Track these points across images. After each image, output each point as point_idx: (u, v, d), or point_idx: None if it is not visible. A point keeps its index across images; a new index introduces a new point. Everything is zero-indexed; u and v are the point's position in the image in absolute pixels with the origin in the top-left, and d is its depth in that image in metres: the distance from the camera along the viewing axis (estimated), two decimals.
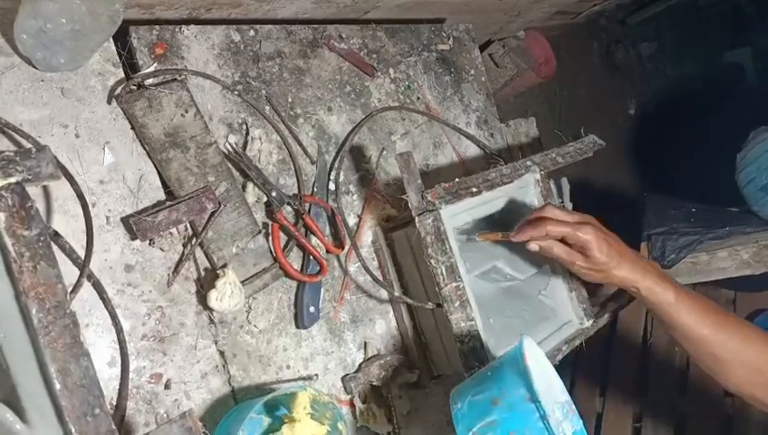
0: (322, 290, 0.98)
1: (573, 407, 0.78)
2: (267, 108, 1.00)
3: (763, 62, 3.80)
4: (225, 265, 0.85)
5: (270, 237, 0.92)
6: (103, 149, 0.80)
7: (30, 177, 0.58)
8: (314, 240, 0.97)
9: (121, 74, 0.84)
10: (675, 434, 2.13)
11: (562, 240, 0.91)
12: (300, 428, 0.79)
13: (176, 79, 0.88)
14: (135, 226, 0.76)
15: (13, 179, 0.57)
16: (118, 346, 0.75)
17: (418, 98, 1.26)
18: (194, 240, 0.84)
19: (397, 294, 1.01)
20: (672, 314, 0.93)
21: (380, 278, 1.05)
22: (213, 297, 0.81)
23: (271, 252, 0.92)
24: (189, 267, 0.85)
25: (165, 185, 0.85)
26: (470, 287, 0.92)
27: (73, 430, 0.54)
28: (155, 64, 0.88)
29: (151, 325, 0.79)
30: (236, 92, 0.96)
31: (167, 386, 0.79)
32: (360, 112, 1.14)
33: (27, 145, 0.72)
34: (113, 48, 0.84)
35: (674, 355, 2.23)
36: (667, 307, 0.92)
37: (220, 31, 0.98)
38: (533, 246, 0.91)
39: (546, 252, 0.91)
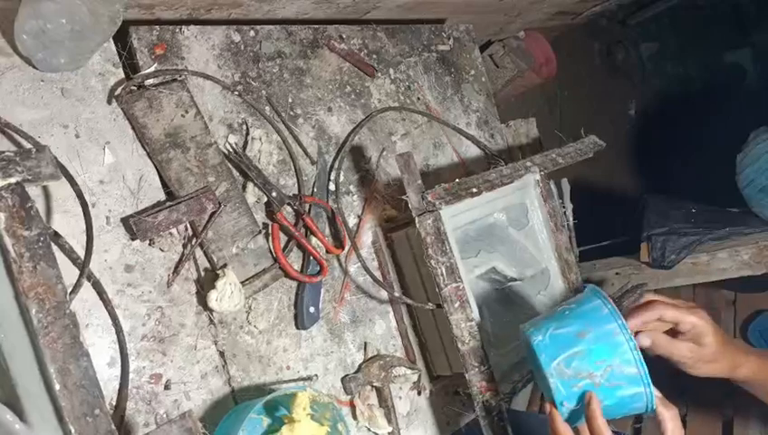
0: (322, 290, 0.98)
1: None
2: (267, 108, 1.00)
3: (764, 62, 3.79)
4: (225, 266, 0.85)
5: (270, 238, 0.92)
6: (103, 149, 0.80)
7: (30, 177, 0.58)
8: (314, 240, 0.97)
9: (122, 75, 0.84)
10: None
11: (670, 332, 0.87)
12: (300, 428, 0.79)
13: (176, 79, 0.88)
14: (135, 226, 0.76)
15: (13, 180, 0.57)
16: (117, 347, 0.75)
17: (419, 98, 1.26)
18: (194, 240, 0.84)
19: (397, 294, 1.01)
20: None
21: (380, 279, 1.05)
22: (213, 298, 0.81)
23: (271, 252, 0.92)
24: (189, 268, 0.85)
25: (165, 185, 0.85)
26: (470, 288, 0.92)
27: (73, 431, 0.54)
28: (155, 65, 0.88)
29: (151, 326, 0.79)
30: (237, 93, 0.96)
31: (166, 386, 0.79)
32: (361, 113, 1.14)
33: (27, 145, 0.72)
34: (113, 48, 0.84)
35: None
36: None
37: (220, 31, 0.98)
38: (646, 341, 0.84)
39: (656, 349, 0.86)
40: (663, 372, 0.90)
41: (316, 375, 0.94)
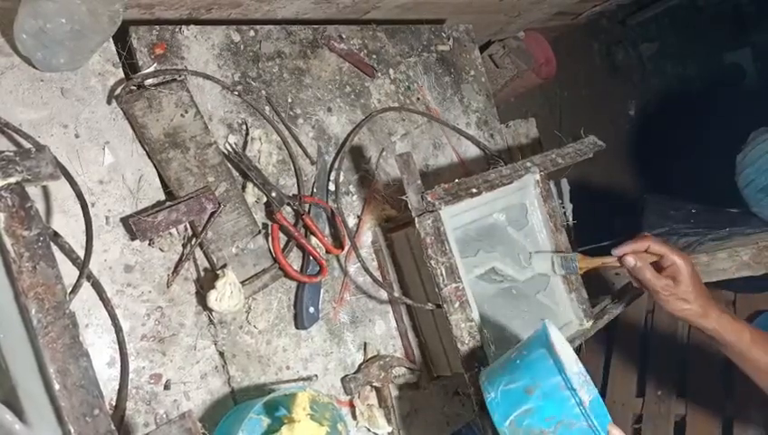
0: (322, 291, 0.98)
1: (587, 376, 0.80)
2: (267, 108, 1.00)
3: (763, 62, 3.79)
4: (224, 266, 0.85)
5: (270, 238, 0.92)
6: (103, 149, 0.80)
7: (29, 177, 0.58)
8: (314, 241, 0.97)
9: (121, 74, 0.84)
10: None
11: (655, 265, 0.97)
12: (299, 428, 0.79)
13: (175, 79, 0.88)
14: (135, 226, 0.76)
15: (12, 180, 0.57)
16: (117, 347, 0.75)
17: (418, 99, 1.26)
18: (193, 240, 0.84)
19: (396, 294, 1.01)
20: (746, 351, 0.98)
21: (380, 279, 1.05)
22: (212, 298, 0.81)
23: (270, 252, 0.92)
24: (189, 268, 0.85)
25: (165, 185, 0.85)
26: (470, 288, 0.92)
27: (72, 431, 0.54)
28: (155, 65, 0.88)
29: (151, 326, 0.79)
30: (236, 93, 0.96)
31: (166, 386, 0.79)
32: (360, 113, 1.14)
33: (27, 145, 0.72)
34: (113, 48, 0.84)
35: (673, 356, 2.23)
36: (742, 344, 0.98)
37: (220, 31, 0.98)
38: (630, 260, 0.96)
39: (638, 272, 0.96)
40: (665, 374, 0.91)
41: (316, 375, 0.94)
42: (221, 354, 0.85)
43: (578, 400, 0.72)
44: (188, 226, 0.85)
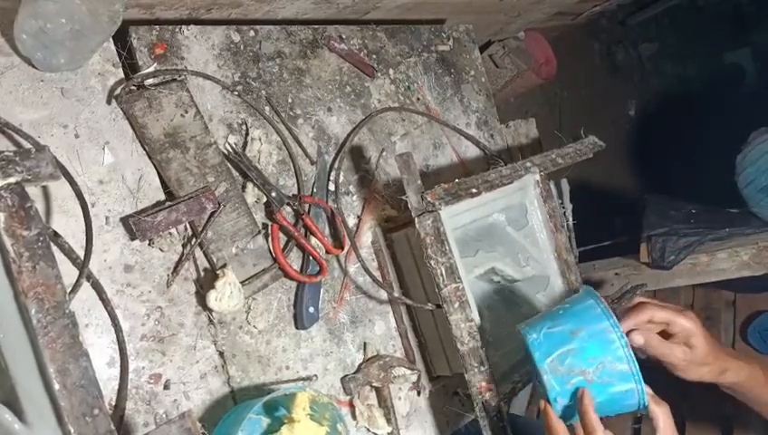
0: (322, 291, 0.98)
1: None
2: (267, 108, 1.00)
3: (763, 62, 3.79)
4: (224, 266, 0.85)
5: (269, 238, 0.92)
6: (103, 149, 0.80)
7: (29, 177, 0.58)
8: (314, 241, 0.97)
9: (121, 75, 0.84)
10: None
11: (662, 333, 0.87)
12: (299, 429, 0.79)
13: (175, 79, 0.88)
14: (134, 226, 0.76)
15: (12, 180, 0.57)
16: (117, 346, 0.75)
17: (418, 99, 1.26)
18: (193, 240, 0.84)
19: (396, 294, 1.01)
20: (761, 394, 0.93)
21: (380, 279, 1.05)
22: (212, 298, 0.81)
23: (270, 252, 0.92)
24: (189, 268, 0.85)
25: (164, 185, 0.85)
26: (470, 288, 0.92)
27: (72, 431, 0.54)
28: (155, 65, 0.88)
29: (150, 326, 0.79)
30: (236, 93, 0.96)
31: (166, 386, 0.79)
32: (360, 113, 1.14)
33: (27, 145, 0.72)
34: (113, 48, 0.84)
35: None
36: (759, 387, 0.93)
37: (220, 31, 0.98)
38: (639, 339, 0.83)
39: (648, 349, 0.85)
40: (661, 376, 0.90)
41: (315, 375, 0.94)
42: (221, 354, 0.85)
43: (623, 342, 0.74)
44: (188, 226, 0.85)
